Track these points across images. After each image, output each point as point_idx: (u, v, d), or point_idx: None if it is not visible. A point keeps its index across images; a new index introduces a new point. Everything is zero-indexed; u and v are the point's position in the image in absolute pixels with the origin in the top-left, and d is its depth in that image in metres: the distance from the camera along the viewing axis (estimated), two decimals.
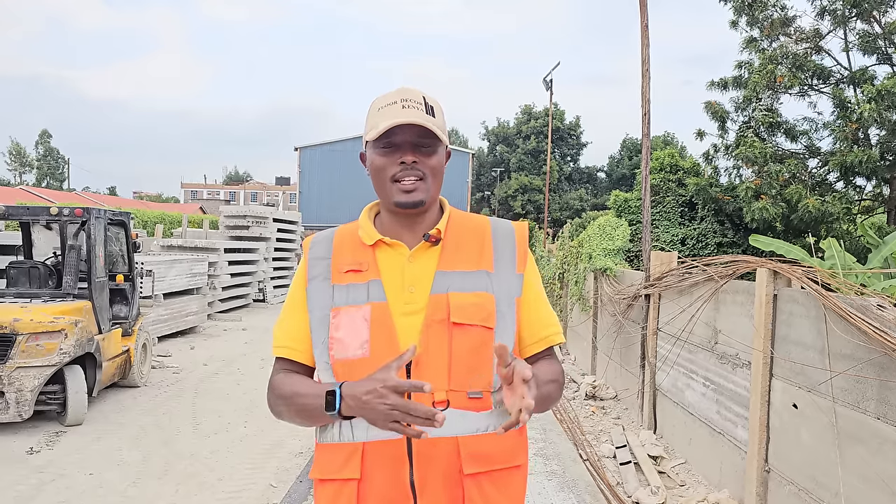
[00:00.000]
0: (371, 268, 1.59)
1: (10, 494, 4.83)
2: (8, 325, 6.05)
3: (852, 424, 3.36)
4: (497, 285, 1.59)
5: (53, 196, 35.90)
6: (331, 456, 1.54)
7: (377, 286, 1.57)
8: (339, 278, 1.60)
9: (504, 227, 1.69)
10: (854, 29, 10.14)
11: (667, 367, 6.08)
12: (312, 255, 1.68)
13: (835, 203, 9.26)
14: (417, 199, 1.56)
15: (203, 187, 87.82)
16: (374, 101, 1.62)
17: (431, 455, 1.48)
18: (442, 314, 1.52)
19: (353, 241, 1.65)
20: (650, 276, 6.41)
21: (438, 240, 1.61)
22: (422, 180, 1.56)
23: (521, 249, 1.67)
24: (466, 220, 1.70)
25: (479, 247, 1.63)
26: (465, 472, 1.49)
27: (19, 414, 6.04)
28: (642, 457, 5.68)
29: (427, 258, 1.60)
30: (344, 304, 1.56)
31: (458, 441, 1.49)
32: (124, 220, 8.40)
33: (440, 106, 1.63)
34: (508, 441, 1.56)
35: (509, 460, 1.56)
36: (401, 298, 1.55)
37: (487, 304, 1.56)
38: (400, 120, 1.52)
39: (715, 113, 11.04)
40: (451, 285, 1.56)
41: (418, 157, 1.55)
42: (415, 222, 1.63)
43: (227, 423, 6.75)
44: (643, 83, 6.61)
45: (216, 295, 14.91)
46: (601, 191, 52.28)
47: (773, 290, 4.20)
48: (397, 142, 1.55)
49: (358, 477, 1.50)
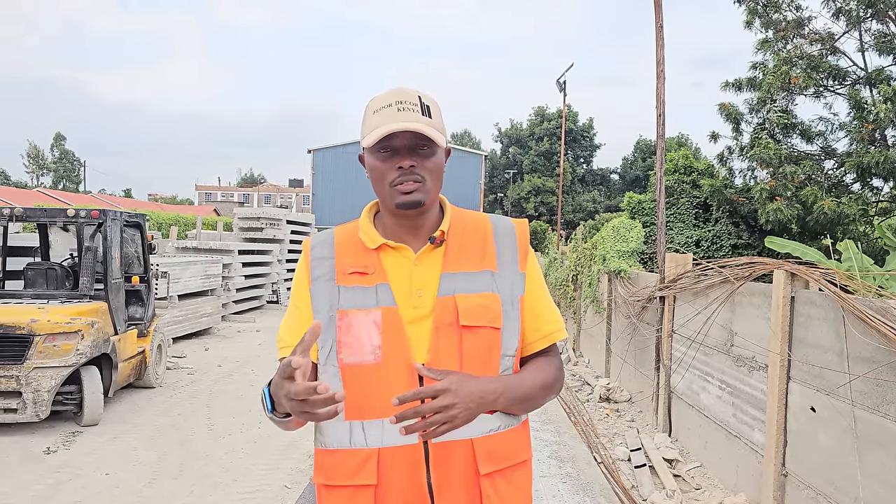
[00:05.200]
0: (378, 271, 1.58)
1: (27, 494, 4.87)
2: (25, 326, 6.11)
3: (872, 428, 3.33)
4: (501, 285, 1.60)
5: (70, 198, 36.25)
6: (339, 461, 1.53)
7: (386, 290, 1.56)
8: (344, 279, 1.59)
9: (504, 226, 1.69)
10: (869, 30, 10.06)
11: (682, 370, 6.05)
12: (315, 255, 1.66)
13: (851, 205, 9.18)
14: (416, 199, 1.54)
15: (217, 189, 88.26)
16: (369, 103, 1.60)
17: (448, 458, 1.49)
18: (450, 317, 1.53)
19: (355, 243, 1.64)
20: (665, 277, 6.38)
21: (443, 241, 1.61)
22: (421, 183, 1.55)
23: (523, 247, 1.66)
24: (467, 219, 1.68)
25: (481, 246, 1.63)
26: (482, 473, 1.50)
27: (36, 414, 6.10)
28: (657, 460, 5.64)
29: (432, 260, 1.59)
30: (351, 308, 1.55)
31: (473, 442, 1.50)
32: (140, 222, 8.46)
33: (437, 104, 1.62)
34: (516, 438, 1.58)
35: (517, 456, 1.58)
36: (409, 303, 1.54)
37: (494, 304, 1.56)
38: (394, 127, 1.50)
39: (729, 115, 10.99)
40: (458, 287, 1.56)
41: (416, 161, 1.54)
42: (417, 224, 1.61)
43: (242, 423, 6.78)
44: (658, 84, 6.59)
45: (230, 296, 14.99)
46: (614, 192, 52.07)
47: (791, 292, 4.16)
48: (394, 146, 1.53)
49: (375, 483, 1.49)
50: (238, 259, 15.42)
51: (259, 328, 14.11)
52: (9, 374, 6.02)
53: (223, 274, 14.34)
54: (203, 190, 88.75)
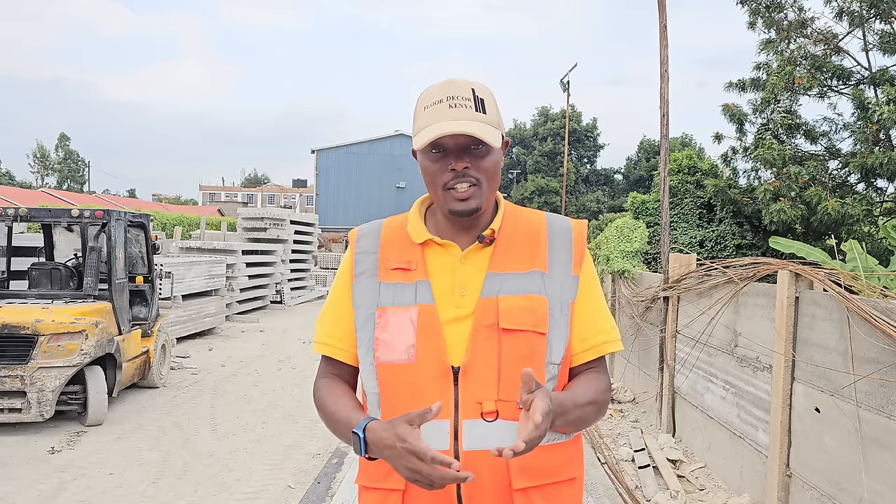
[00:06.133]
0: (420, 267, 1.51)
1: (32, 493, 4.88)
2: (30, 326, 6.12)
3: (877, 429, 3.32)
4: (550, 287, 1.50)
5: (74, 198, 36.35)
6: (377, 464, 1.46)
7: (425, 287, 1.49)
8: (387, 275, 1.53)
9: (561, 225, 1.59)
10: (871, 29, 10.03)
11: (686, 370, 6.04)
12: (359, 250, 1.60)
13: (855, 205, 9.15)
14: (472, 206, 1.46)
15: (221, 190, 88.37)
16: (420, 98, 1.52)
17: (479, 467, 1.40)
18: (491, 319, 1.44)
19: (402, 237, 1.57)
20: (669, 278, 6.37)
21: (493, 240, 1.52)
22: (476, 186, 1.46)
23: (578, 249, 1.56)
24: (521, 216, 1.60)
25: (532, 246, 1.54)
26: (515, 487, 1.42)
27: (41, 414, 6.11)
28: (661, 460, 5.64)
29: (479, 259, 1.51)
30: (390, 304, 1.50)
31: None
32: (144, 223, 8.48)
33: (492, 96, 1.52)
34: (561, 453, 1.48)
35: (561, 473, 1.48)
36: (450, 302, 1.47)
37: (539, 307, 1.46)
38: (445, 130, 1.41)
39: (733, 115, 10.96)
40: (503, 287, 1.47)
41: (470, 162, 1.45)
42: (469, 224, 1.54)
43: (246, 423, 6.78)
44: (662, 84, 6.58)
45: (234, 296, 15.02)
46: (618, 193, 51.97)
47: (795, 293, 4.15)
48: (447, 147, 1.45)
49: (402, 488, 1.44)
50: (242, 259, 15.45)
51: (263, 328, 14.12)
52: (13, 373, 6.04)
53: (227, 274, 14.38)
54: (207, 190, 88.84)
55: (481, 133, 1.42)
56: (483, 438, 1.41)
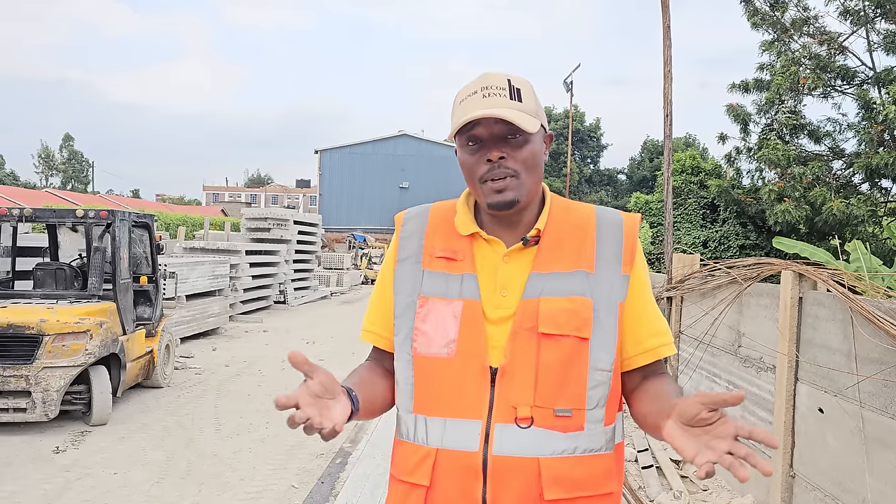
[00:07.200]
0: (467, 260, 1.45)
1: (36, 493, 4.90)
2: (35, 326, 6.14)
3: (880, 429, 3.32)
4: (596, 288, 1.40)
5: (78, 199, 36.44)
6: (404, 454, 1.44)
7: (472, 282, 1.42)
8: (430, 263, 1.47)
9: (611, 219, 1.48)
10: (874, 29, 10.01)
11: (689, 371, 6.03)
12: (404, 234, 1.54)
13: (860, 205, 9.14)
14: (509, 198, 1.39)
15: (225, 190, 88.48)
16: (457, 94, 1.45)
17: (508, 473, 1.33)
18: (531, 322, 1.37)
19: (448, 226, 1.50)
20: (672, 278, 6.37)
21: (537, 241, 1.44)
22: (514, 177, 1.39)
23: (629, 246, 1.45)
24: (569, 212, 1.50)
25: (579, 243, 1.44)
26: (546, 498, 1.33)
27: (45, 413, 6.13)
28: (664, 461, 5.63)
29: (522, 258, 1.43)
30: (433, 294, 1.43)
31: (540, 462, 1.33)
32: (148, 223, 8.49)
33: (530, 87, 1.44)
34: (598, 465, 1.39)
35: (598, 487, 1.38)
36: (492, 301, 1.41)
37: (583, 310, 1.38)
38: (476, 114, 1.34)
39: (737, 115, 10.96)
40: (545, 289, 1.39)
41: (506, 152, 1.38)
42: (513, 220, 1.46)
43: (249, 423, 6.79)
44: (665, 84, 6.58)
45: (238, 296, 15.04)
46: (622, 193, 51.96)
47: (799, 293, 4.15)
48: (481, 137, 1.39)
49: (427, 484, 1.38)
50: (245, 259, 15.47)
51: (266, 328, 14.13)
52: (18, 373, 6.06)
53: (231, 274, 14.40)
54: (210, 190, 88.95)
55: (515, 118, 1.34)
56: (514, 444, 1.35)
